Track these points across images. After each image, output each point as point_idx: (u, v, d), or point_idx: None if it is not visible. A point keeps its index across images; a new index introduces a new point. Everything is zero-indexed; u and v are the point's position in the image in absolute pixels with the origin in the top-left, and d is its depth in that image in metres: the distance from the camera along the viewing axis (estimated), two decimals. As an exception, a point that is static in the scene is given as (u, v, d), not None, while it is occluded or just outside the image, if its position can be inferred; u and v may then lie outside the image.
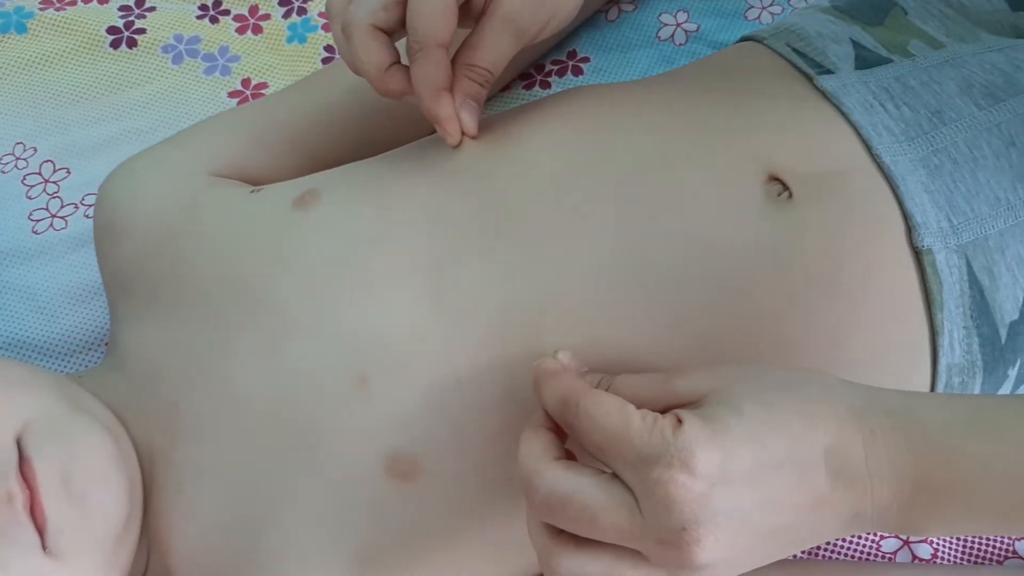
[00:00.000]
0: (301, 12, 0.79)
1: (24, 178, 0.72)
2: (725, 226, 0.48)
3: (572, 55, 0.74)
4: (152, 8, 0.79)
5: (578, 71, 0.73)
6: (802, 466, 0.37)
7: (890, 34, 0.57)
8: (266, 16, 0.79)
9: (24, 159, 0.73)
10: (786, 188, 0.49)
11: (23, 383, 0.48)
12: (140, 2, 0.79)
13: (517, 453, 0.40)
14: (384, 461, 0.46)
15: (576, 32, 0.75)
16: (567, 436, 0.41)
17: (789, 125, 0.52)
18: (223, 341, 0.50)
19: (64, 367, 0.65)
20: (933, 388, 0.51)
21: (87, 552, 0.46)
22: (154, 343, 0.52)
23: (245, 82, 0.76)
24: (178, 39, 0.78)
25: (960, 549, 0.58)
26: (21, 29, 0.77)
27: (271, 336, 0.49)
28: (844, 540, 0.58)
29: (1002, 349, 0.51)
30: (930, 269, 0.49)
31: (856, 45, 0.56)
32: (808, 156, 0.50)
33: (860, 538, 0.58)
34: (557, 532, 0.39)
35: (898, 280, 0.49)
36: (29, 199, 0.71)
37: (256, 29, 0.78)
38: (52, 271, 0.68)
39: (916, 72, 0.54)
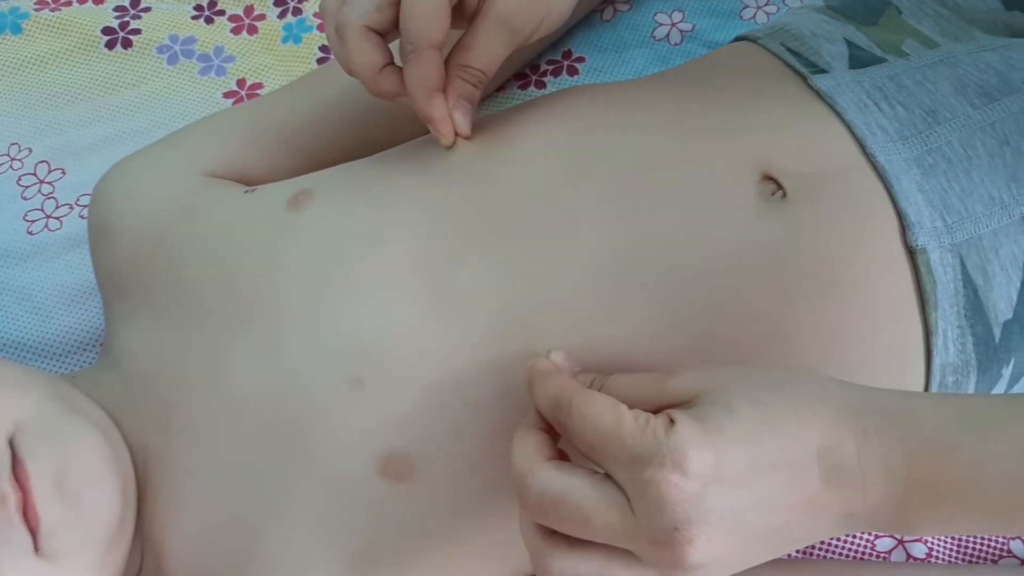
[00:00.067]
0: (296, 12, 0.79)
1: (19, 179, 0.72)
2: (720, 226, 0.48)
3: (567, 55, 0.74)
4: (147, 8, 0.79)
5: (573, 71, 0.73)
6: (795, 466, 0.37)
7: (884, 34, 0.57)
8: (261, 16, 0.79)
9: (19, 160, 0.73)
10: (780, 187, 0.49)
11: (16, 383, 0.48)
12: (135, 2, 0.79)
13: (510, 453, 0.40)
14: (379, 462, 0.46)
15: (571, 32, 0.75)
16: (560, 436, 0.41)
17: (783, 125, 0.52)
18: (218, 341, 0.50)
19: (59, 368, 0.65)
20: (927, 387, 0.51)
21: (80, 553, 0.45)
22: (149, 344, 0.52)
23: (240, 82, 0.76)
24: (173, 39, 0.77)
25: (955, 548, 0.58)
26: (16, 30, 0.77)
27: (266, 336, 0.49)
28: (838, 539, 0.58)
29: (996, 348, 0.51)
30: (924, 268, 0.49)
31: (850, 45, 0.56)
32: (802, 156, 0.50)
33: (855, 537, 0.58)
34: (550, 532, 0.39)
35: (892, 279, 0.49)
36: (24, 200, 0.71)
37: (251, 29, 0.78)
38: (47, 272, 0.68)
39: (910, 71, 0.54)
